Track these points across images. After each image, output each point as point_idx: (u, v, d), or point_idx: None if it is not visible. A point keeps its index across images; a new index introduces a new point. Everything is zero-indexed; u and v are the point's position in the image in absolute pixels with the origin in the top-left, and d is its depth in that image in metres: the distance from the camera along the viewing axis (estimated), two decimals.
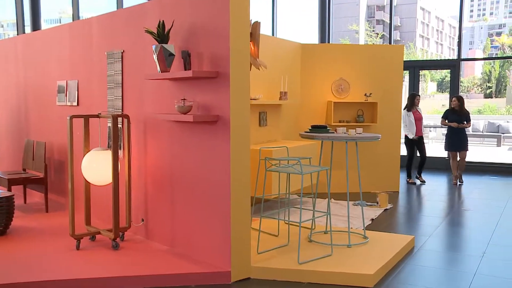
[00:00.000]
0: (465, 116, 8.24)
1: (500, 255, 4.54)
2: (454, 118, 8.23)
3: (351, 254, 4.21)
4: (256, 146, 5.67)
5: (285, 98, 6.48)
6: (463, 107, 8.28)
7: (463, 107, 8.26)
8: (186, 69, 3.81)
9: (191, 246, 4.04)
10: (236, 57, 3.60)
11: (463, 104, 8.33)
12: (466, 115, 8.25)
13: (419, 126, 8.35)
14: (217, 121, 3.70)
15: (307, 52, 7.37)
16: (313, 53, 7.39)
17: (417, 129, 8.32)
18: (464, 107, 8.29)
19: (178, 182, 4.11)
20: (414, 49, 40.00)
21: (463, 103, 8.33)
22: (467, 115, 8.27)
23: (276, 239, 4.64)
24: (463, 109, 8.27)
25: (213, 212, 3.80)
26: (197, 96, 3.86)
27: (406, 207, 6.62)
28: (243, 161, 3.70)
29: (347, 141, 4.55)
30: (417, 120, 8.33)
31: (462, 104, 8.28)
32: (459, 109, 8.24)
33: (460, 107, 8.24)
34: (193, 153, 3.94)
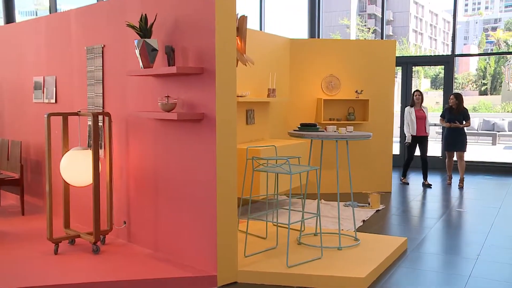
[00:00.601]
0: (463, 114, 8.19)
1: (495, 257, 4.61)
2: (452, 117, 8.18)
3: (342, 257, 4.24)
4: (243, 145, 5.69)
5: (273, 96, 6.50)
6: (462, 105, 8.23)
7: (461, 106, 8.22)
8: (170, 65, 3.82)
9: (176, 249, 4.04)
10: (222, 53, 3.61)
11: (462, 102, 8.28)
12: (465, 113, 8.20)
13: (421, 126, 8.24)
14: (202, 119, 3.71)
15: (296, 47, 7.40)
16: (302, 49, 7.43)
17: (418, 128, 8.22)
18: (462, 105, 8.25)
19: (161, 183, 4.11)
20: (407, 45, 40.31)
21: (461, 101, 8.28)
22: (466, 114, 8.21)
23: (264, 241, 4.66)
24: (461, 108, 8.21)
25: (198, 214, 3.81)
26: (181, 93, 3.87)
27: (399, 208, 6.68)
28: (229, 161, 3.72)
29: (338, 140, 4.58)
30: (419, 119, 8.24)
31: (460, 102, 8.24)
32: (456, 108, 8.19)
33: (458, 105, 8.19)
34: (178, 152, 3.94)
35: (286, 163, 4.14)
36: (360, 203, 6.70)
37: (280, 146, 5.77)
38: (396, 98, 12.53)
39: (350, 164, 7.04)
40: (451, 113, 8.22)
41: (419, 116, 8.23)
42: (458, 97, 8.26)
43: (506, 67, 32.60)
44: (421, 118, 8.23)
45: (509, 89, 29.42)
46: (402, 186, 8.35)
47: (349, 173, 4.75)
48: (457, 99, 8.24)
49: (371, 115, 7.51)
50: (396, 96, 9.04)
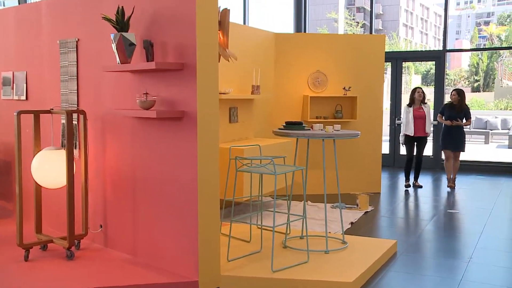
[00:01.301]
0: (464, 112, 8.06)
1: (488, 259, 4.69)
2: (452, 114, 8.05)
3: (329, 261, 4.29)
4: (226, 145, 5.70)
5: (258, 92, 6.52)
6: (464, 103, 8.08)
7: (463, 103, 8.07)
8: (148, 60, 3.82)
9: (155, 254, 4.04)
10: (203, 48, 3.62)
11: (464, 99, 8.12)
12: (466, 111, 8.07)
13: (419, 125, 8.04)
14: (182, 117, 3.71)
15: (281, 42, 7.44)
16: (288, 44, 7.46)
17: (416, 128, 8.03)
18: (464, 102, 8.11)
19: (140, 184, 4.11)
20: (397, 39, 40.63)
21: (463, 97, 8.11)
22: (467, 112, 8.09)
23: (248, 245, 4.68)
24: (463, 105, 8.07)
25: (179, 216, 3.82)
26: (160, 90, 3.87)
27: (388, 210, 6.76)
28: (211, 161, 3.73)
29: (324, 139, 4.62)
30: (417, 118, 8.04)
31: (462, 99, 8.07)
32: (458, 105, 8.05)
33: (460, 102, 8.05)
34: (157, 152, 3.94)
35: (271, 163, 4.16)
36: (348, 205, 6.76)
37: (264, 145, 5.80)
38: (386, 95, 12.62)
39: (338, 164, 7.10)
40: (451, 110, 8.08)
41: (417, 115, 8.06)
42: (460, 93, 8.10)
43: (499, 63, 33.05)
44: (419, 117, 8.05)
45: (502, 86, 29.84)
46: (393, 187, 8.43)
47: (336, 173, 4.80)
48: (460, 95, 8.07)
49: (360, 112, 7.58)
50: (385, 93, 9.15)
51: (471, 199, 7.46)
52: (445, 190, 8.14)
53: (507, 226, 6.03)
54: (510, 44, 31.66)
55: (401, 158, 10.49)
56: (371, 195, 7.25)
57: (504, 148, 16.19)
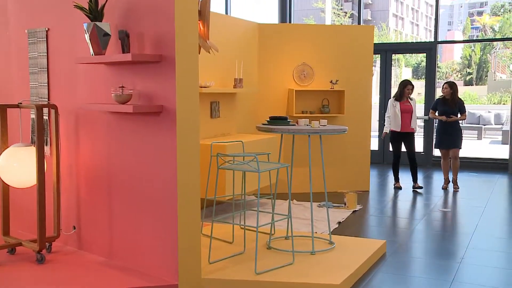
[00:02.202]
0: (458, 106, 7.92)
1: (480, 260, 4.76)
2: (445, 109, 7.91)
3: (315, 262, 4.32)
4: (207, 141, 5.70)
5: (240, 86, 6.53)
6: (456, 96, 7.95)
7: (455, 96, 7.93)
8: (124, 52, 3.80)
9: (132, 256, 4.04)
10: (183, 39, 3.62)
11: (456, 92, 7.99)
12: (460, 105, 7.94)
13: (406, 120, 7.88)
14: (161, 112, 3.71)
15: (265, 33, 7.45)
16: (272, 35, 7.48)
17: (403, 123, 7.87)
18: (457, 95, 7.98)
19: (116, 183, 4.10)
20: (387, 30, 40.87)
21: (456, 91, 7.97)
22: (461, 106, 7.95)
23: (231, 246, 4.70)
24: (456, 99, 7.94)
25: (157, 216, 3.82)
26: (137, 83, 3.86)
27: (377, 208, 6.82)
28: (191, 158, 3.73)
29: (310, 135, 4.65)
30: (404, 112, 7.87)
31: (455, 92, 7.94)
32: (450, 99, 7.91)
33: (452, 95, 7.91)
34: (134, 149, 3.94)
35: (254, 160, 4.18)
36: (335, 204, 6.80)
37: (247, 141, 5.81)
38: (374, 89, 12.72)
39: (324, 161, 7.14)
40: (444, 105, 7.95)
41: (404, 109, 7.88)
42: (452, 86, 7.97)
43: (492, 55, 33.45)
44: (406, 111, 7.88)
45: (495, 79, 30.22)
46: (382, 185, 8.51)
47: (323, 171, 4.83)
48: (452, 88, 7.94)
49: (347, 107, 7.63)
50: (374, 87, 9.21)
51: (463, 197, 7.55)
52: (437, 188, 8.23)
53: (500, 225, 6.13)
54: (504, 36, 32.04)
55: (391, 155, 10.55)
56: (359, 194, 7.30)
57: (498, 144, 16.38)
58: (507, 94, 25.42)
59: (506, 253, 5.03)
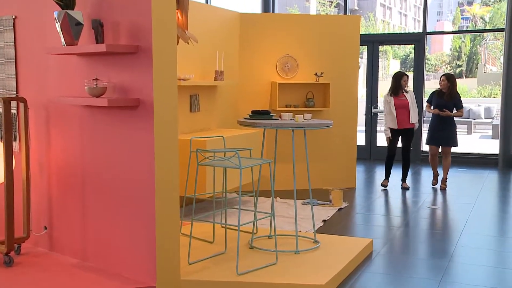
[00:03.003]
0: (454, 101, 7.67)
1: (469, 258, 4.83)
2: (441, 103, 7.66)
3: (299, 262, 4.34)
4: (187, 136, 5.69)
5: (221, 79, 6.52)
6: (454, 90, 7.68)
7: (453, 90, 7.67)
8: (98, 42, 3.78)
9: (108, 257, 4.03)
10: (160, 29, 3.61)
11: (455, 85, 7.73)
12: (457, 100, 7.69)
13: (403, 116, 7.62)
14: (137, 106, 3.70)
15: (247, 23, 7.45)
16: (254, 25, 7.48)
17: (400, 119, 7.61)
18: (455, 89, 7.72)
19: (90, 180, 4.08)
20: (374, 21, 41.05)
21: (454, 83, 7.72)
22: (458, 100, 7.71)
23: (211, 246, 4.71)
24: (454, 92, 7.68)
25: (134, 216, 3.81)
26: (112, 75, 3.84)
27: (364, 206, 6.87)
28: (170, 154, 3.73)
29: (294, 129, 4.66)
30: (400, 107, 7.60)
31: (453, 85, 7.68)
32: (447, 92, 7.66)
33: (450, 89, 7.65)
34: (109, 145, 3.92)
35: (236, 156, 4.18)
36: (320, 201, 6.84)
37: (229, 136, 5.81)
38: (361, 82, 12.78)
39: (309, 156, 7.15)
40: (440, 98, 7.71)
41: (399, 105, 7.62)
42: (450, 79, 7.72)
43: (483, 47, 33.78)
44: (402, 106, 7.61)
45: (486, 72, 30.52)
46: (369, 182, 8.57)
47: (307, 167, 4.85)
48: (449, 81, 7.69)
49: (333, 101, 7.66)
50: (361, 80, 9.26)
51: (452, 194, 7.64)
52: (425, 185, 8.31)
53: (490, 222, 6.22)
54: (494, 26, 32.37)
55: (378, 150, 10.67)
56: (345, 191, 7.35)
57: (488, 138, 16.57)
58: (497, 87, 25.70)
59: (496, 251, 5.11)
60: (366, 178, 8.89)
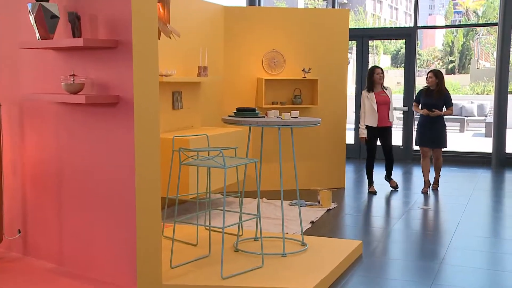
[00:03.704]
0: (444, 99, 7.56)
1: (462, 260, 4.87)
2: (428, 102, 7.53)
3: (286, 265, 4.35)
4: (169, 134, 5.68)
5: (205, 75, 6.51)
6: (442, 87, 7.57)
7: (441, 87, 7.55)
8: (75, 36, 3.75)
9: (85, 262, 4.00)
10: (140, 22, 3.59)
11: (443, 82, 7.62)
12: (446, 98, 7.57)
13: (383, 113, 7.52)
14: (117, 103, 3.68)
15: (232, 17, 7.44)
16: (239, 19, 7.47)
17: (380, 116, 7.49)
18: (443, 86, 7.60)
19: (67, 182, 4.05)
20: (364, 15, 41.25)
21: (442, 80, 7.60)
22: (448, 98, 7.58)
23: (195, 249, 4.70)
24: (442, 90, 7.56)
25: (114, 218, 3.79)
26: (90, 71, 3.82)
27: (353, 207, 6.90)
28: (151, 153, 3.72)
29: (280, 127, 4.67)
30: (381, 104, 7.49)
31: (441, 82, 7.56)
32: (436, 89, 7.53)
33: (438, 86, 7.53)
34: (87, 144, 3.90)
35: (220, 155, 4.18)
36: (308, 202, 6.86)
37: (213, 135, 5.81)
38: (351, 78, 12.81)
39: (296, 155, 7.18)
40: (428, 97, 7.58)
41: (381, 101, 7.51)
42: (438, 75, 7.59)
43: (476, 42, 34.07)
44: (384, 103, 7.52)
45: (479, 67, 30.78)
46: (358, 182, 8.61)
47: (294, 167, 4.86)
48: (437, 77, 7.56)
49: (321, 98, 7.68)
50: (350, 76, 9.30)
51: (444, 194, 7.69)
52: (416, 185, 8.36)
53: (482, 223, 6.27)
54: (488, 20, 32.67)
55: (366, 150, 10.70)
56: (333, 191, 7.36)
57: (481, 136, 16.72)
58: (490, 84, 25.93)
59: (489, 252, 5.16)
60: (356, 178, 8.93)
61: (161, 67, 5.82)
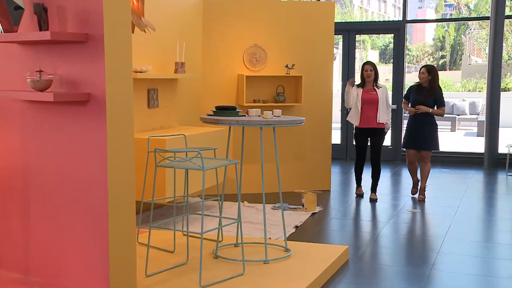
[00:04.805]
0: (436, 97, 7.25)
1: (453, 266, 4.91)
2: (419, 100, 7.23)
3: (269, 272, 4.35)
4: (144, 134, 5.66)
5: (182, 71, 6.50)
6: (436, 84, 7.26)
7: (435, 84, 7.25)
8: (41, 29, 3.72)
9: (54, 271, 3.97)
10: (112, 15, 3.57)
11: (436, 78, 7.30)
12: (438, 96, 7.26)
13: (369, 112, 7.22)
14: (88, 101, 3.66)
15: (211, 9, 7.43)
16: (219, 11, 7.46)
17: (365, 116, 7.22)
18: (437, 83, 7.29)
19: (33, 185, 4.02)
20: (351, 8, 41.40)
21: (436, 77, 7.28)
22: (440, 97, 7.27)
23: (172, 256, 4.69)
24: (435, 87, 7.26)
25: (84, 224, 3.77)
26: (59, 67, 3.79)
27: (339, 210, 6.92)
28: (124, 155, 3.70)
29: (262, 127, 4.67)
30: (367, 102, 7.21)
31: (434, 78, 7.25)
32: (428, 86, 7.23)
33: (431, 83, 7.23)
34: (55, 144, 3.87)
35: (198, 156, 4.17)
36: (292, 205, 6.87)
37: (191, 135, 5.80)
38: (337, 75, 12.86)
39: (279, 156, 7.19)
40: (418, 94, 7.28)
41: (366, 99, 7.23)
42: (431, 71, 7.27)
43: (467, 36, 34.34)
44: (369, 101, 7.22)
45: (470, 63, 31.04)
46: (344, 184, 8.64)
47: (277, 168, 4.86)
48: (430, 73, 7.24)
49: (305, 95, 7.69)
50: (336, 72, 9.33)
51: (435, 196, 7.74)
52: (405, 187, 8.40)
53: (474, 226, 6.32)
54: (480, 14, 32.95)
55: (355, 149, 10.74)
56: (319, 194, 7.38)
57: (473, 136, 16.86)
58: (482, 80, 26.19)
59: (481, 258, 5.20)
60: (342, 180, 8.96)
61: (135, 63, 5.79)
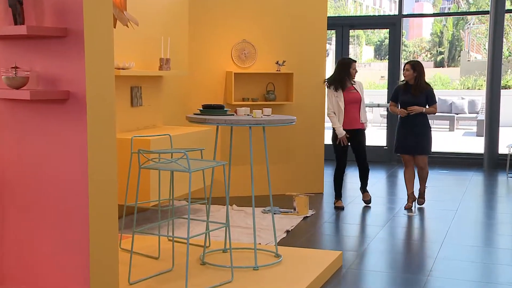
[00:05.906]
0: (426, 95, 6.95)
1: (450, 273, 4.92)
2: (408, 100, 6.94)
3: (259, 279, 4.36)
4: (127, 135, 5.64)
5: (168, 68, 6.49)
6: (422, 80, 6.95)
7: (421, 80, 6.94)
8: (17, 24, 3.70)
9: (31, 279, 3.96)
10: (93, 9, 3.56)
11: (422, 75, 6.99)
12: (428, 93, 6.98)
13: (354, 113, 7.05)
14: (67, 99, 3.64)
15: (197, 2, 7.42)
16: (206, 6, 7.45)
17: (350, 118, 7.03)
18: (423, 79, 6.98)
19: (9, 188, 4.00)
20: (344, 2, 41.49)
21: (421, 73, 6.97)
22: (430, 94, 6.99)
23: (156, 262, 4.69)
24: (422, 84, 6.95)
25: (64, 228, 3.75)
26: (36, 63, 3.77)
27: (333, 214, 6.93)
28: (106, 156, 3.69)
29: (252, 126, 4.67)
30: (351, 103, 7.02)
31: (420, 75, 6.94)
32: (414, 84, 6.92)
33: (417, 80, 6.91)
34: (32, 146, 3.85)
35: (184, 157, 4.17)
36: (283, 209, 6.87)
37: (176, 135, 5.79)
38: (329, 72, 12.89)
39: (269, 158, 7.19)
40: (406, 94, 7.00)
41: (350, 99, 7.03)
42: (416, 67, 6.95)
43: (466, 31, 34.47)
44: (354, 101, 7.04)
45: (470, 60, 31.16)
46: None
47: (267, 170, 4.86)
48: (415, 69, 6.92)
49: (296, 93, 7.70)
50: (328, 69, 9.35)
51: (432, 199, 7.75)
52: (401, 189, 8.40)
53: (473, 231, 6.35)
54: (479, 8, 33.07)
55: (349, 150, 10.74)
56: (311, 196, 7.39)
57: (472, 136, 16.90)
58: (482, 78, 26.28)
59: (480, 263, 5.22)
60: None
61: (118, 59, 5.77)
